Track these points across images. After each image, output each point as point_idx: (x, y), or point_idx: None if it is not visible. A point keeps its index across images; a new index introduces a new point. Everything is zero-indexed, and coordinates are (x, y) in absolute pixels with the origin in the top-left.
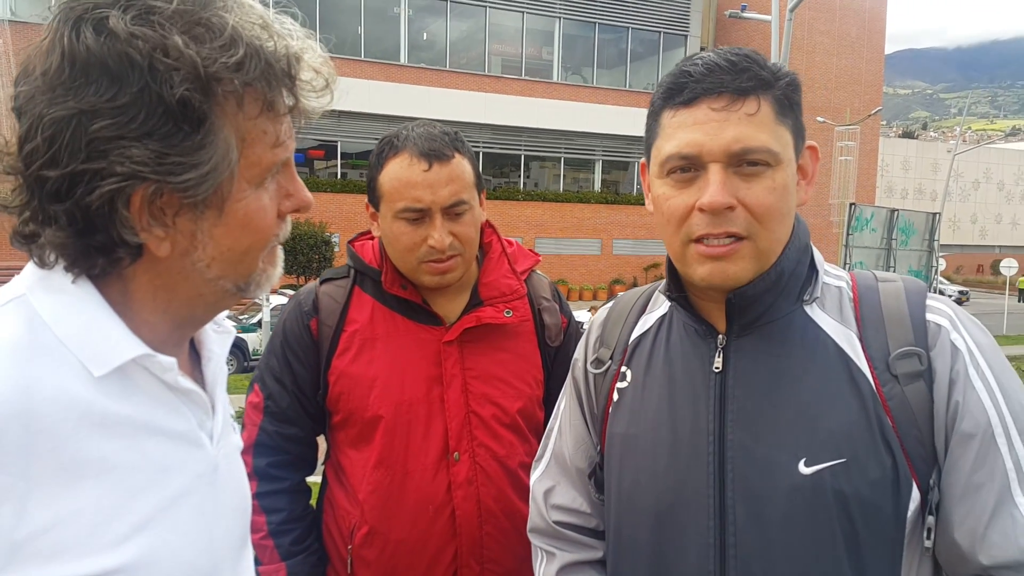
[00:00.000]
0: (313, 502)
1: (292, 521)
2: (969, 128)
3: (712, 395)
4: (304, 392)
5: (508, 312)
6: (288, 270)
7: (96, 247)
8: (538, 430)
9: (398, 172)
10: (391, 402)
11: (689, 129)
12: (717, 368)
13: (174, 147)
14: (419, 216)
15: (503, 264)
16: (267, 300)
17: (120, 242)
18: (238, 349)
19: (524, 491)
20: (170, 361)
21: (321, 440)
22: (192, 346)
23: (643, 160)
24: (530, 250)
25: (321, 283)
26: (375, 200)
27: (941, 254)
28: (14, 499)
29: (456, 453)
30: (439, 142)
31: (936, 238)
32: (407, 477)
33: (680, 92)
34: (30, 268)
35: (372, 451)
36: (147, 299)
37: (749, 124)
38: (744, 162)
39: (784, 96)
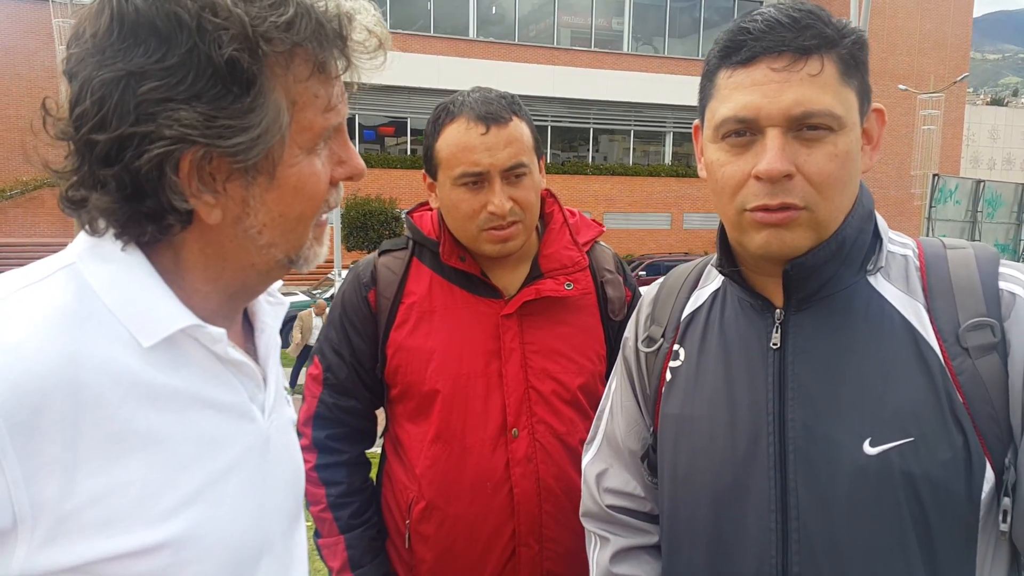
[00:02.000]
0: (373, 475)
1: (351, 494)
2: None
3: (771, 373)
4: (362, 364)
5: (569, 285)
6: (360, 246)
7: (145, 213)
8: None
9: (455, 137)
10: (448, 376)
11: (747, 90)
12: (775, 345)
13: (223, 110)
14: (478, 181)
15: (564, 235)
16: (339, 275)
17: (170, 208)
18: None
19: None
20: (220, 332)
21: (380, 413)
22: (246, 318)
23: (696, 122)
24: (594, 220)
25: (380, 255)
26: (432, 169)
27: None
28: (61, 470)
29: (515, 429)
30: (496, 105)
31: None
32: (465, 453)
33: (738, 50)
34: (81, 237)
35: (430, 425)
36: (198, 268)
37: (811, 85)
38: (805, 126)
39: (850, 55)
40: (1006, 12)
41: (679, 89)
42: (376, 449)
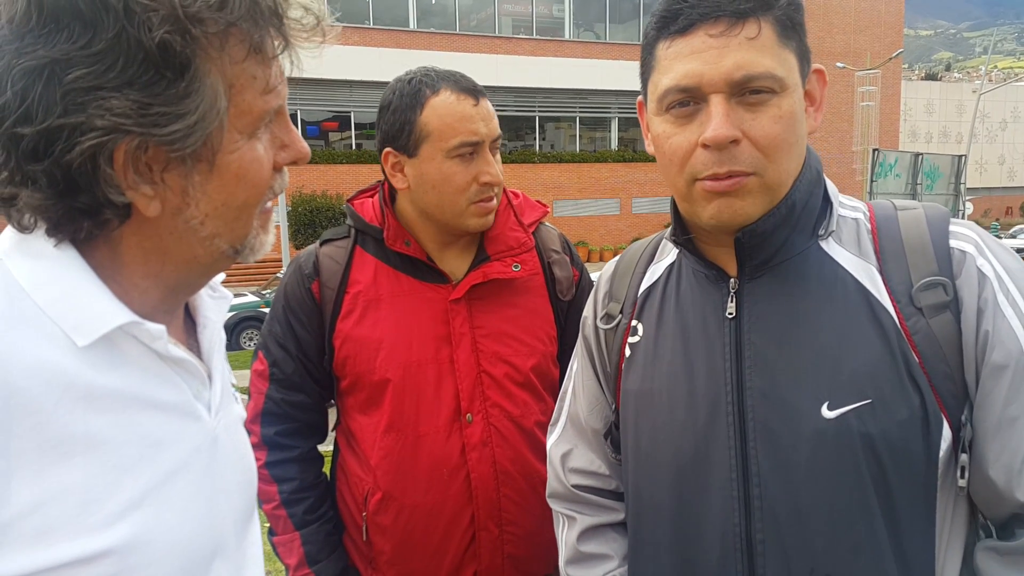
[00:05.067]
0: (326, 470)
1: (304, 490)
2: (995, 67)
3: (727, 343)
4: (309, 357)
5: (516, 266)
6: (308, 243)
7: (80, 209)
8: (553, 388)
9: (448, 108)
10: (399, 364)
11: (686, 59)
12: (730, 314)
13: (157, 96)
14: (473, 151)
15: (509, 216)
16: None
17: (106, 202)
18: (260, 323)
19: (541, 451)
20: (159, 329)
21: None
22: (187, 314)
23: (639, 98)
24: (538, 201)
25: (321, 244)
26: (411, 145)
27: (968, 197)
28: None
29: (469, 415)
30: (469, 80)
31: (963, 181)
32: (419, 440)
33: (674, 20)
34: (7, 233)
35: (382, 415)
36: (138, 263)
37: (750, 49)
38: (747, 91)
39: (786, 16)
40: None
41: (622, 75)
42: (328, 446)
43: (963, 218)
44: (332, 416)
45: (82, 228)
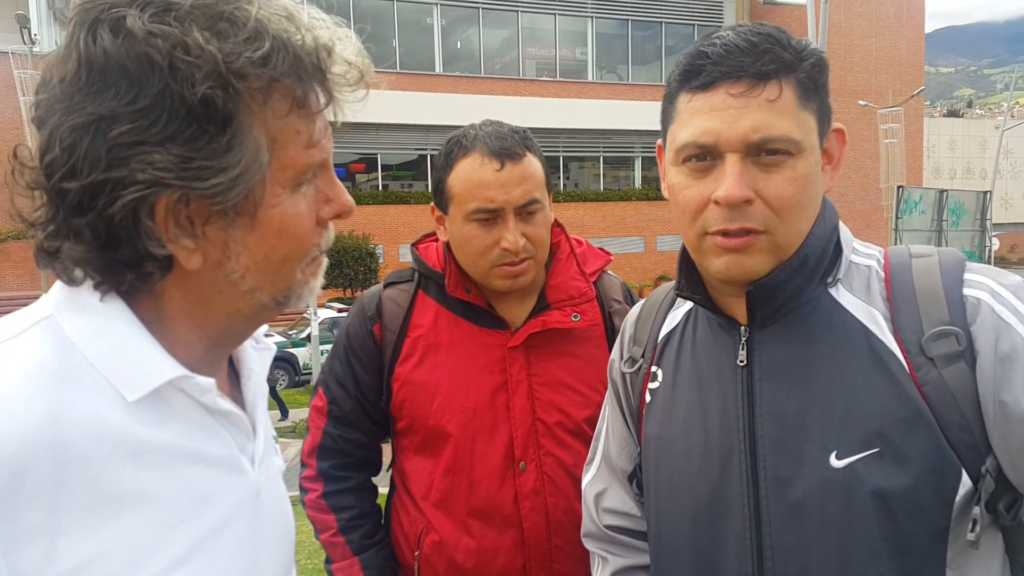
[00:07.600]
0: (381, 504)
1: (361, 517)
2: (1017, 103)
3: (739, 391)
4: (367, 397)
5: (576, 316)
6: (334, 283)
7: (122, 261)
8: None
9: (469, 172)
10: (455, 410)
11: (705, 116)
12: (742, 362)
13: (199, 150)
14: (491, 217)
15: (571, 265)
16: (315, 314)
17: (147, 255)
18: (288, 364)
19: None
20: (209, 382)
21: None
22: (231, 365)
23: (659, 142)
24: (601, 249)
25: (385, 287)
26: (443, 203)
27: (994, 233)
28: (44, 537)
29: (522, 463)
30: (509, 140)
31: (988, 217)
32: (473, 486)
33: (697, 75)
34: (57, 287)
35: (438, 459)
36: (181, 316)
37: (770, 111)
38: (763, 151)
39: (808, 78)
40: (956, 27)
41: (645, 115)
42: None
43: (990, 254)
44: (387, 452)
45: (124, 280)
